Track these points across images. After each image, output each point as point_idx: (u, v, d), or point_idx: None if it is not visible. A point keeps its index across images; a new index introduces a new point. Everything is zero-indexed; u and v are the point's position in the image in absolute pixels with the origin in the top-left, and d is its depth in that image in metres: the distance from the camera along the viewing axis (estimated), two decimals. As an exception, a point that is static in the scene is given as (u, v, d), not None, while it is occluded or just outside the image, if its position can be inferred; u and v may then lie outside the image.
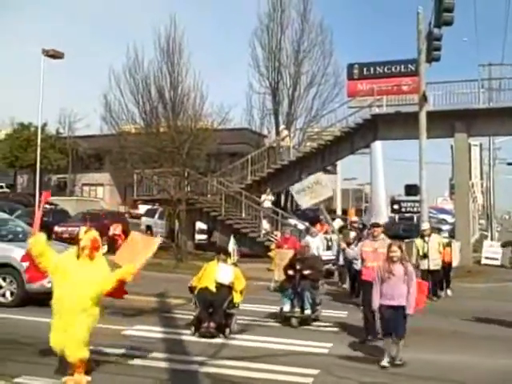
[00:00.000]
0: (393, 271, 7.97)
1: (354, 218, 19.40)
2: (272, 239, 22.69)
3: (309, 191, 10.31)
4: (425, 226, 16.30)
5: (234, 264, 10.54)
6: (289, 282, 11.13)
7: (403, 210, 35.46)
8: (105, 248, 29.06)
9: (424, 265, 14.94)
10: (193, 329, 9.48)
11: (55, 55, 27.05)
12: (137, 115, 26.43)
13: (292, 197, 33.95)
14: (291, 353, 8.69)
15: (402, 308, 7.92)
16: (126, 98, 26.03)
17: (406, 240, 20.20)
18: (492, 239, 36.63)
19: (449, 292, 16.26)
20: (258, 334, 9.85)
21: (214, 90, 25.57)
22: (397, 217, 37.85)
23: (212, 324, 9.30)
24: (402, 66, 31.95)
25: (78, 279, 6.64)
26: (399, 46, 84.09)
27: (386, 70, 32.67)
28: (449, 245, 16.32)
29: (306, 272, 10.99)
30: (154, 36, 26.22)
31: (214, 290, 9.67)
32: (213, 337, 9.19)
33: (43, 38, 76.97)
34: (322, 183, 10.10)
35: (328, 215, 12.91)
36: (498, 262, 25.11)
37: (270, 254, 17.15)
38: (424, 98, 20.94)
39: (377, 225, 10.11)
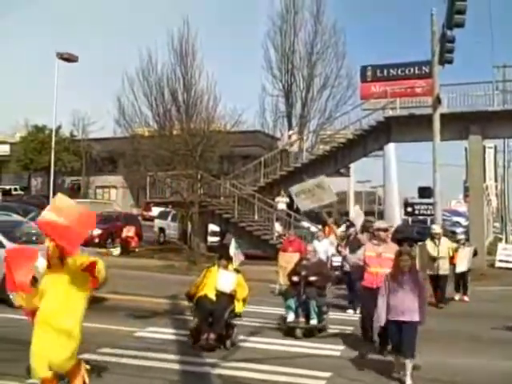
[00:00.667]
0: (403, 282, 7.26)
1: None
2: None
3: (309, 194, 9.51)
4: (436, 228, 15.44)
5: (236, 270, 9.69)
6: (293, 289, 10.38)
7: (416, 212, 35.26)
8: (118, 250, 29.30)
9: (433, 269, 14.26)
10: (191, 340, 8.89)
11: (69, 58, 27.28)
12: (150, 118, 26.58)
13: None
14: (303, 355, 8.67)
15: (414, 324, 7.27)
16: (139, 100, 26.20)
17: (420, 243, 20.09)
18: (506, 242, 36.34)
19: (466, 298, 15.64)
20: (269, 337, 9.84)
21: (227, 92, 25.74)
22: (410, 219, 37.66)
23: (212, 335, 8.67)
24: (416, 68, 31.80)
25: (55, 289, 6.08)
26: (413, 47, 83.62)
27: (399, 72, 32.55)
28: (456, 250, 15.10)
29: (312, 278, 10.24)
30: (168, 38, 26.34)
31: (213, 298, 8.99)
32: (212, 349, 8.61)
33: (58, 40, 77.41)
34: (325, 187, 9.29)
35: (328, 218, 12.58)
36: (512, 265, 24.88)
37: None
38: (438, 100, 20.84)
39: (383, 229, 9.23)
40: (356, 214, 15.27)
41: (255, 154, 33.66)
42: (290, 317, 10.11)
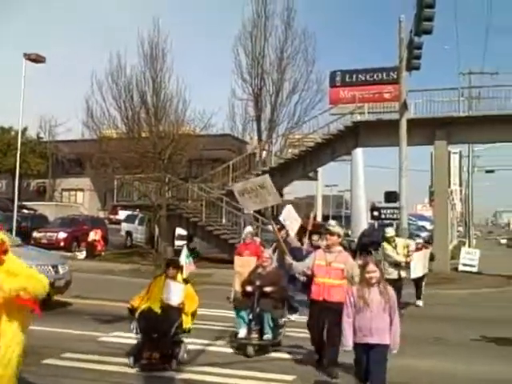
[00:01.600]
0: (370, 298, 6.13)
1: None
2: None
3: (253, 194, 8.20)
4: (390, 231, 14.08)
5: (185, 280, 8.72)
6: (247, 300, 9.24)
7: (383, 216, 35.58)
8: (84, 253, 28.88)
9: (393, 273, 13.04)
10: (131, 359, 7.84)
11: (37, 59, 26.81)
12: (119, 120, 26.36)
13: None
14: (267, 359, 8.65)
15: (384, 347, 6.16)
16: (107, 103, 25.97)
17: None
18: (470, 246, 37.01)
19: (419, 302, 15.10)
20: (234, 341, 9.80)
21: (197, 95, 25.74)
22: (376, 223, 38.07)
23: (155, 354, 7.72)
24: (384, 74, 32.13)
25: None
26: (382, 53, 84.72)
27: (368, 77, 32.84)
28: (407, 246, 13.92)
29: (268, 289, 9.10)
30: (137, 41, 26.21)
31: (159, 312, 8.03)
32: (156, 370, 7.67)
33: (25, 41, 76.43)
34: (268, 188, 8.13)
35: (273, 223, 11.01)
36: (475, 269, 25.33)
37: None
38: (405, 106, 21.12)
39: (331, 232, 7.90)
40: (286, 214, 12.58)
41: (224, 157, 33.69)
42: (242, 332, 9.02)
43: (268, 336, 8.92)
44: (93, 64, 32.50)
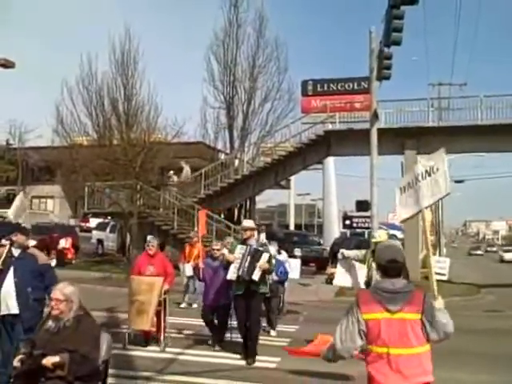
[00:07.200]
0: None
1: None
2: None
3: (412, 190, 5.48)
4: (381, 235, 10.03)
5: None
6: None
7: (354, 225, 35.87)
8: (54, 261, 28.47)
9: None
10: None
11: (6, 64, 26.48)
12: (89, 127, 26.18)
13: (245, 212, 34.05)
14: (237, 367, 8.65)
15: None
16: (78, 109, 25.79)
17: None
18: (440, 255, 37.47)
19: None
20: (201, 349, 9.73)
21: (169, 103, 25.75)
22: (348, 232, 38.33)
23: None
24: (355, 84, 32.50)
25: None
26: (353, 63, 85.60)
27: (339, 87, 33.19)
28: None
29: (51, 360, 4.64)
30: (109, 47, 26.09)
31: None
32: None
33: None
34: (441, 169, 5.46)
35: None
36: (445, 278, 25.62)
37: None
38: (375, 116, 21.34)
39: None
40: (17, 206, 8.59)
41: (196, 165, 33.63)
42: None
43: None
44: (64, 69, 32.32)
